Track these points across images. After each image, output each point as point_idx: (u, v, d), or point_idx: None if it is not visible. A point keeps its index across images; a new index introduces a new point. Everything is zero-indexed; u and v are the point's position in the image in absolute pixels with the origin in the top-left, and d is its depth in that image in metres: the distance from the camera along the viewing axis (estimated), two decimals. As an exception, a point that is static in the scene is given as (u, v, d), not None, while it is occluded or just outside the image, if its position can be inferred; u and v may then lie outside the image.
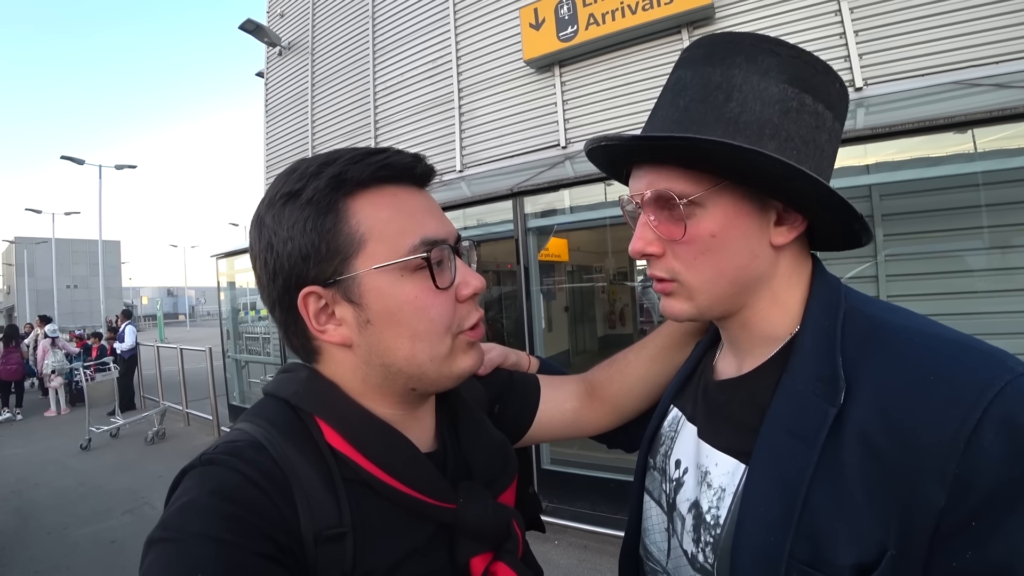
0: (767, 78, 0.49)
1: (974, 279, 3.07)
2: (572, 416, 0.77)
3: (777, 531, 0.45)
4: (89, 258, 41.05)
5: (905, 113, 3.14)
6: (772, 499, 0.47)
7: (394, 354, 0.51)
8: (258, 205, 0.53)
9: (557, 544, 3.33)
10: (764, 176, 0.48)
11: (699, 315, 0.56)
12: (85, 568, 3.39)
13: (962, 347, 0.44)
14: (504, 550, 0.55)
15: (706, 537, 0.54)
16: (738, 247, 0.52)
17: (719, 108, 0.50)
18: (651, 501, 0.66)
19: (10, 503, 4.60)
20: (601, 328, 9.21)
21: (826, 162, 0.51)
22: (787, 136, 0.49)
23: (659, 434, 0.69)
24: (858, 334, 0.49)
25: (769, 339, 0.56)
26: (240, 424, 0.52)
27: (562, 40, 5.09)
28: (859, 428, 0.44)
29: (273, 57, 8.39)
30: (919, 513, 0.40)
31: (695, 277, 0.53)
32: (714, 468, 0.56)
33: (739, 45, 0.51)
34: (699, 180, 0.50)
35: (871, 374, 0.46)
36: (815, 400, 0.47)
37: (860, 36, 4.01)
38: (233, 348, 7.38)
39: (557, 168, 4.52)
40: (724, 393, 0.60)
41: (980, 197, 3.02)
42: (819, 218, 0.52)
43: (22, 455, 6.22)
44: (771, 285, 0.55)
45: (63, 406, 8.58)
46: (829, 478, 0.44)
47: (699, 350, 0.71)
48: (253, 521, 0.42)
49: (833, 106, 0.51)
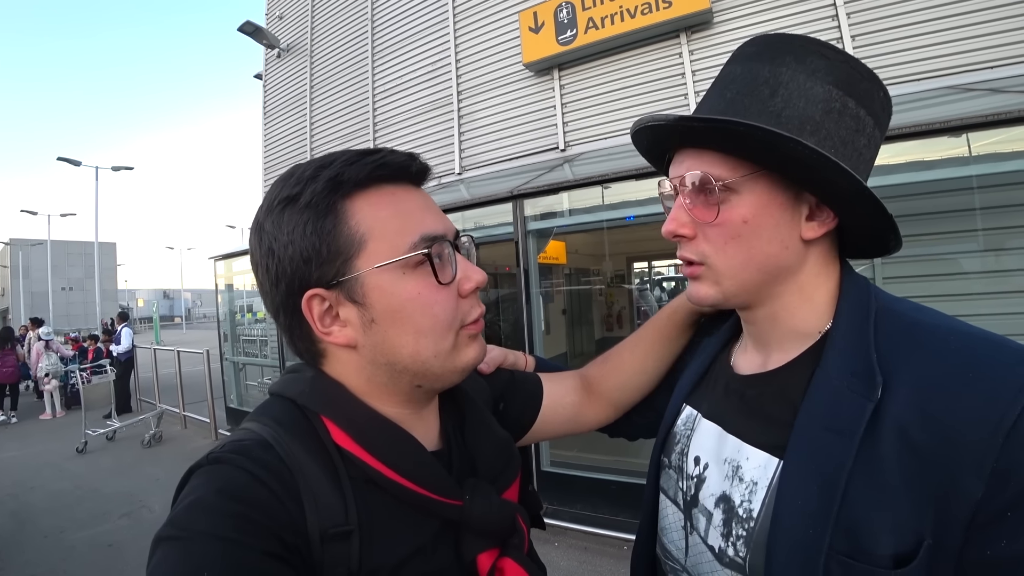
0: (814, 78, 0.51)
1: (969, 281, 3.10)
2: (572, 412, 0.79)
3: (816, 523, 0.46)
4: (85, 260, 40.74)
5: (900, 117, 3.17)
6: (810, 492, 0.48)
7: (399, 352, 0.52)
8: (257, 212, 0.54)
9: (557, 546, 3.32)
10: (798, 164, 0.49)
11: (724, 301, 0.58)
12: (82, 572, 3.36)
13: (996, 345, 0.46)
14: (510, 546, 0.56)
15: (738, 531, 0.54)
16: (769, 235, 0.53)
17: (764, 101, 0.52)
18: (667, 500, 0.67)
19: (6, 506, 4.57)
20: (599, 331, 9.21)
21: (863, 166, 0.53)
22: (827, 135, 0.50)
23: (672, 433, 0.69)
24: (891, 332, 0.51)
25: (797, 335, 0.57)
26: (247, 424, 0.52)
27: (561, 44, 5.11)
28: (897, 423, 0.45)
29: (272, 59, 8.39)
30: (956, 504, 0.41)
31: (724, 261, 0.55)
32: (745, 462, 0.56)
33: (790, 45, 0.53)
34: (736, 166, 0.52)
35: (908, 371, 0.47)
36: (851, 395, 0.48)
37: (857, 41, 4.05)
38: (230, 351, 7.35)
39: (556, 171, 4.54)
40: (753, 388, 0.60)
41: (975, 200, 3.04)
42: (851, 217, 0.53)
43: (18, 458, 6.16)
44: (799, 279, 0.56)
45: (58, 409, 8.51)
46: (867, 472, 0.45)
47: (711, 350, 0.71)
48: (260, 520, 0.43)
49: (876, 114, 0.52)
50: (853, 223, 0.54)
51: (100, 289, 19.76)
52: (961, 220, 3.09)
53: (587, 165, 4.45)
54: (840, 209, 0.53)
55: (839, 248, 0.59)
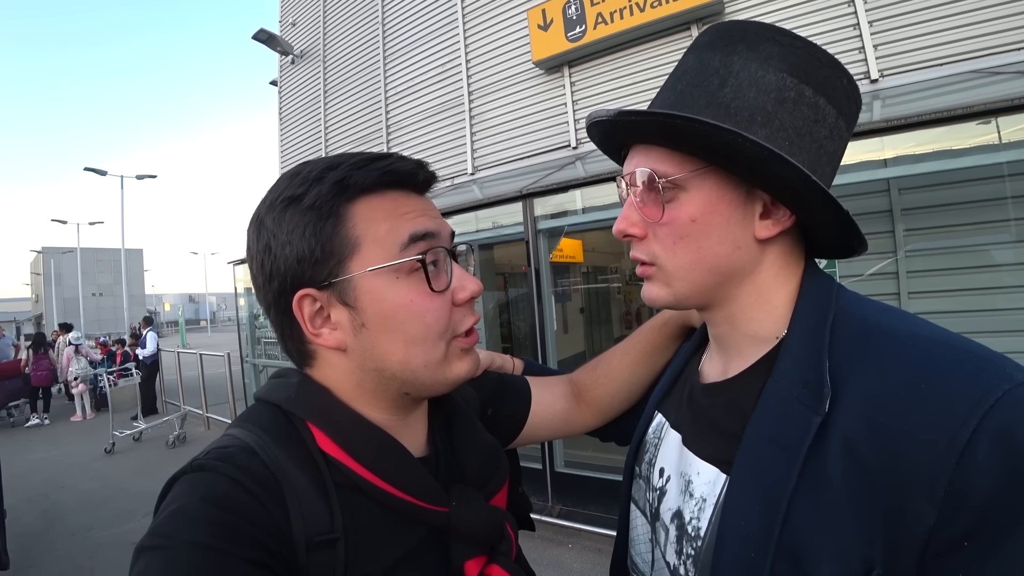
0: (766, 66, 0.48)
1: (1000, 274, 2.98)
2: (562, 417, 0.78)
3: (757, 546, 0.43)
4: (113, 266, 42.04)
5: (923, 104, 3.05)
6: (752, 512, 0.45)
7: (388, 359, 0.51)
8: (258, 206, 0.53)
9: (571, 548, 3.30)
10: (740, 158, 0.46)
11: (676, 302, 0.55)
12: (108, 569, 3.46)
13: (958, 352, 0.41)
14: (498, 552, 0.55)
15: (687, 549, 0.52)
16: (719, 235, 0.50)
17: (713, 93, 0.49)
18: (637, 510, 0.65)
19: (37, 505, 4.73)
20: (617, 329, 9.12)
21: (825, 159, 0.49)
22: (779, 126, 0.47)
23: (644, 441, 0.67)
24: (848, 337, 0.47)
25: (756, 340, 0.54)
26: (231, 430, 0.52)
27: (570, 40, 5.07)
28: (844, 438, 0.41)
29: (286, 66, 8.53)
30: (907, 530, 0.37)
31: (673, 262, 0.52)
32: (696, 477, 0.54)
33: (743, 33, 0.50)
34: (683, 162, 0.50)
35: (858, 380, 0.43)
36: (799, 407, 0.45)
37: (875, 26, 3.92)
38: (251, 353, 7.48)
39: (568, 169, 4.50)
40: (708, 398, 0.57)
41: (1006, 189, 2.93)
42: (808, 215, 0.50)
43: (48, 459, 6.38)
44: (755, 281, 0.52)
45: (88, 411, 8.79)
46: (812, 490, 0.42)
47: (684, 353, 0.69)
48: (244, 527, 0.42)
49: (838, 102, 0.49)
50: (811, 222, 0.51)
51: (128, 294, 20.34)
52: (991, 210, 2.98)
53: (599, 162, 4.41)
54: (795, 206, 0.49)
55: (805, 248, 0.55)
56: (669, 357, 0.76)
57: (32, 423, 8.51)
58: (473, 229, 4.89)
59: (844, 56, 4.00)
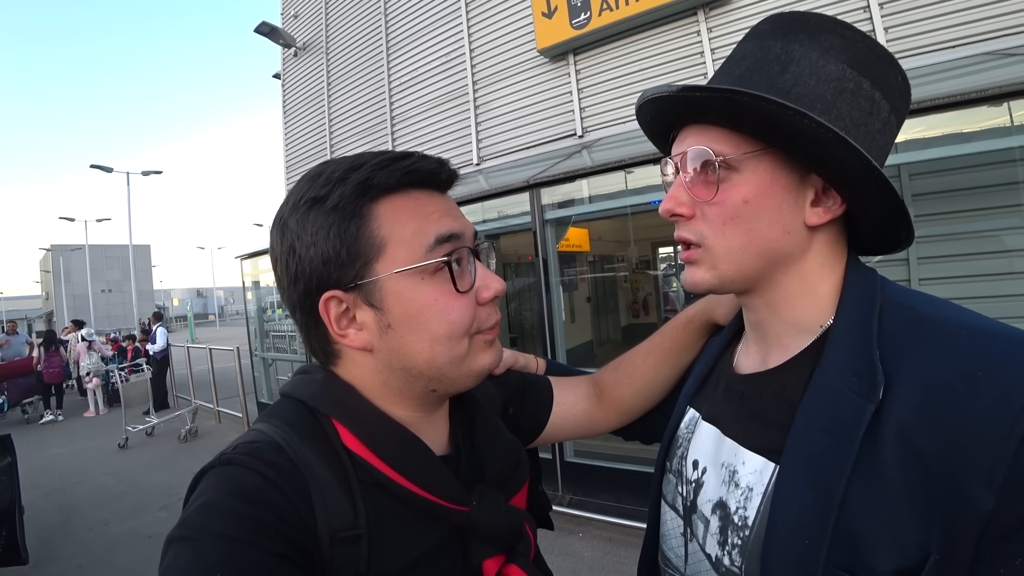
0: (827, 56, 0.49)
1: (1012, 259, 2.94)
2: (584, 418, 0.78)
3: (812, 534, 0.43)
4: (121, 263, 42.35)
5: (935, 88, 3.00)
6: (806, 500, 0.45)
7: (415, 357, 0.51)
8: (280, 207, 0.53)
9: (582, 536, 3.32)
10: (804, 139, 0.46)
11: (720, 285, 0.55)
12: (124, 561, 3.52)
13: (1012, 342, 0.42)
14: (516, 552, 0.55)
15: (733, 539, 0.52)
16: (770, 218, 0.50)
17: (773, 78, 0.50)
18: (666, 506, 0.65)
19: (53, 500, 4.81)
20: (624, 318, 9.13)
21: (876, 152, 0.49)
22: (837, 114, 0.48)
23: (676, 437, 0.68)
24: (897, 327, 0.47)
25: (798, 329, 0.54)
26: (258, 424, 0.53)
27: (575, 27, 5.01)
28: (900, 426, 0.42)
29: (289, 58, 8.49)
30: (965, 517, 0.38)
31: (721, 243, 0.52)
32: (741, 467, 0.54)
33: (804, 23, 0.51)
34: (740, 143, 0.50)
35: (913, 369, 0.43)
36: (850, 395, 0.45)
37: (885, 8, 3.85)
38: (260, 347, 7.54)
39: (574, 158, 4.48)
40: (751, 388, 0.58)
41: (1018, 173, 2.88)
42: (859, 203, 0.50)
43: (64, 455, 6.48)
44: (801, 268, 0.53)
45: (101, 407, 8.90)
46: (867, 478, 0.42)
47: (716, 348, 0.69)
48: (271, 521, 0.43)
49: (892, 99, 0.50)
50: (862, 211, 0.51)
51: (137, 290, 20.52)
52: (1004, 194, 2.94)
53: (605, 151, 4.38)
54: (848, 193, 0.50)
55: (847, 241, 0.56)
56: (694, 356, 0.76)
57: (46, 419, 8.63)
58: (479, 219, 4.88)
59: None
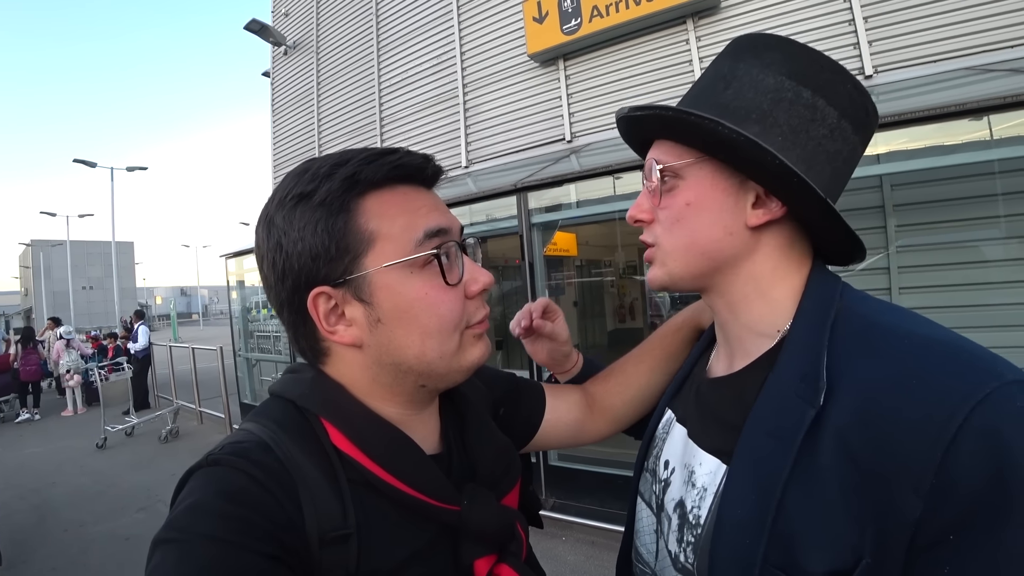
0: (767, 70, 0.52)
1: (989, 269, 3.01)
2: (575, 426, 0.78)
3: (752, 533, 0.45)
4: (104, 259, 41.57)
5: (917, 100, 3.07)
6: (749, 501, 0.47)
7: (405, 352, 0.51)
8: (266, 205, 0.53)
9: (564, 540, 3.32)
10: (722, 145, 0.50)
11: (672, 282, 0.58)
12: (100, 564, 3.45)
13: (952, 350, 0.42)
14: (508, 552, 0.55)
15: (688, 537, 0.54)
16: (711, 219, 0.54)
17: (718, 95, 0.54)
18: (642, 503, 0.67)
19: (28, 501, 4.70)
20: (611, 323, 9.16)
21: (823, 156, 0.51)
22: (773, 122, 0.50)
23: (654, 437, 0.69)
24: (849, 334, 0.48)
25: (756, 333, 0.56)
26: (246, 424, 0.52)
27: (566, 33, 5.04)
28: (837, 431, 0.43)
29: (279, 57, 8.42)
30: (895, 523, 0.39)
31: (669, 242, 0.57)
32: (698, 467, 0.56)
33: (753, 43, 0.55)
34: (682, 153, 0.55)
35: (854, 377, 0.44)
36: (795, 400, 0.47)
37: (870, 22, 3.92)
38: (244, 347, 7.45)
39: (562, 162, 4.49)
40: (715, 391, 0.60)
41: (996, 185, 2.95)
42: (795, 206, 0.52)
43: (40, 454, 6.34)
44: (752, 271, 0.55)
45: (80, 406, 8.72)
46: (805, 481, 0.43)
47: (695, 353, 0.71)
48: (259, 522, 0.42)
49: (840, 104, 0.51)
50: (804, 215, 0.53)
51: (119, 287, 20.19)
52: (982, 206, 3.00)
53: (593, 156, 4.40)
54: (782, 196, 0.52)
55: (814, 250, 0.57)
56: (683, 362, 0.77)
57: (23, 418, 8.44)
58: (467, 222, 4.88)
59: (839, 52, 4.00)
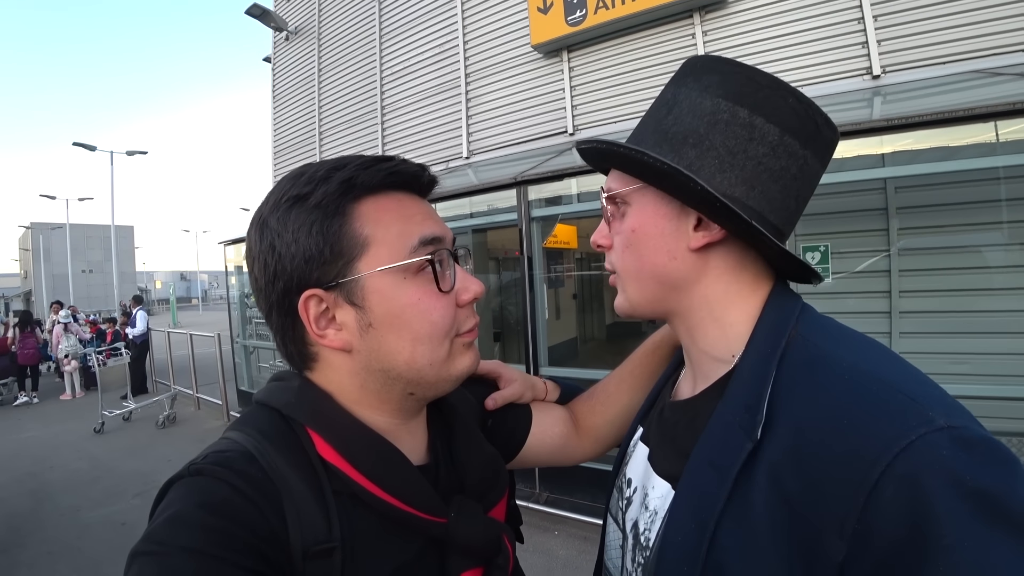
0: (705, 93, 0.52)
1: (992, 275, 3.00)
2: (560, 443, 0.77)
3: (690, 563, 0.45)
4: (103, 243, 41.42)
5: (924, 103, 3.03)
6: (687, 529, 0.47)
7: (395, 358, 0.51)
8: (260, 207, 0.53)
9: (557, 534, 3.34)
10: (650, 172, 0.52)
11: (632, 309, 0.59)
12: (96, 549, 3.47)
13: (888, 389, 0.40)
14: (494, 565, 0.55)
15: (639, 558, 0.55)
16: (655, 244, 0.54)
17: (660, 121, 0.55)
18: (611, 518, 0.67)
19: (25, 485, 4.72)
20: (609, 316, 9.17)
21: (766, 175, 0.50)
22: (710, 145, 0.51)
23: (626, 453, 0.69)
24: (795, 365, 0.47)
25: (712, 357, 0.55)
26: (229, 433, 0.51)
27: (570, 24, 4.98)
28: (771, 466, 0.42)
29: (280, 42, 8.33)
30: (821, 564, 0.38)
31: (623, 267, 0.58)
32: (651, 490, 0.57)
33: (694, 67, 0.55)
34: (626, 181, 0.56)
35: (791, 411, 0.44)
36: (737, 432, 0.46)
37: (879, 21, 3.87)
38: (242, 333, 7.45)
39: (564, 155, 4.46)
40: (674, 414, 0.60)
41: (1001, 191, 2.93)
42: (732, 228, 0.51)
43: (38, 438, 6.36)
44: (705, 295, 0.54)
45: (78, 390, 8.75)
46: (737, 515, 0.43)
47: (667, 371, 0.71)
48: (241, 534, 0.41)
49: (781, 120, 0.50)
50: (744, 237, 0.52)
51: (118, 271, 20.16)
52: (986, 211, 2.99)
53: (596, 151, 4.35)
54: (717, 219, 0.51)
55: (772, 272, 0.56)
56: None
57: (21, 401, 8.46)
58: (467, 212, 4.85)
59: (847, 51, 3.95)
